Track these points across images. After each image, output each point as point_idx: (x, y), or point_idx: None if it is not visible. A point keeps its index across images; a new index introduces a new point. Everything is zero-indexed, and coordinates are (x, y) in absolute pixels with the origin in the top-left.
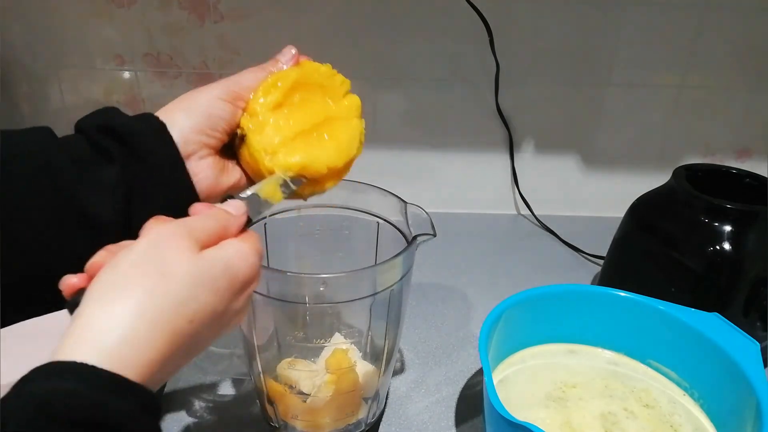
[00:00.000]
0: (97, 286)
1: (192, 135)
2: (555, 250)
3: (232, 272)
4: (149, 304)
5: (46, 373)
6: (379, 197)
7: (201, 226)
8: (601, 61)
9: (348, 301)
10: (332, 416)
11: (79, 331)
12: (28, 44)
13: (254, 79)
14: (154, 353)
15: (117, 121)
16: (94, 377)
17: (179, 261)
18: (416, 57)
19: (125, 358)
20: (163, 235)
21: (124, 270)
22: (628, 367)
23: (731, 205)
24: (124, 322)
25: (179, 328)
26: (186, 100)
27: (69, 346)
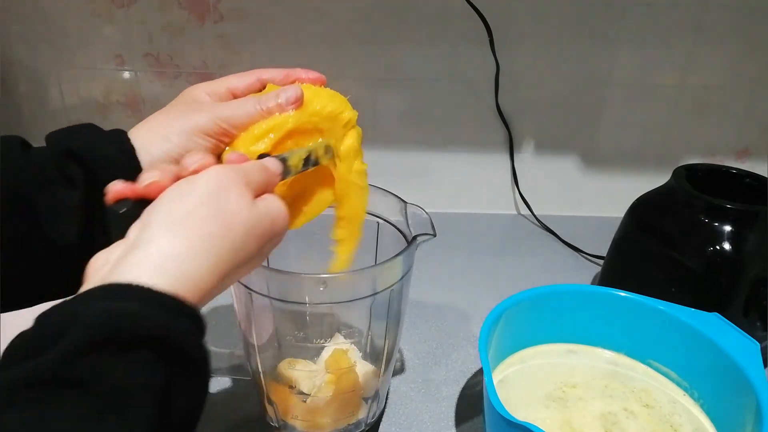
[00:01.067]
0: (165, 213)
1: (161, 164)
2: (555, 250)
3: (275, 226)
4: (211, 246)
5: (111, 293)
6: (379, 197)
7: (254, 178)
8: (601, 61)
9: (348, 301)
10: (332, 416)
11: (143, 253)
12: (28, 44)
13: (247, 117)
14: (205, 288)
15: (84, 145)
16: (159, 300)
17: (240, 209)
18: (416, 57)
19: (184, 287)
20: (225, 179)
21: (192, 204)
22: (628, 367)
23: (731, 205)
24: (188, 257)
25: (227, 271)
26: (166, 126)
27: (132, 266)
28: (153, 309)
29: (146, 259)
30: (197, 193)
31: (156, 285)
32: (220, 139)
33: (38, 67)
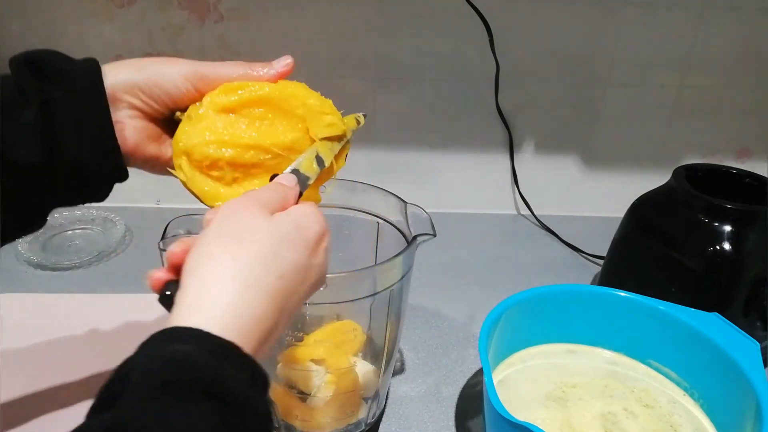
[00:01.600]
0: (190, 264)
1: (122, 92)
2: (555, 250)
3: (303, 229)
4: (240, 268)
5: (167, 338)
6: (379, 197)
7: (266, 196)
8: (601, 61)
9: (348, 301)
10: (332, 416)
11: (185, 305)
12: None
13: (232, 72)
14: (258, 312)
15: (45, 56)
16: (209, 342)
17: (256, 225)
18: (416, 57)
19: (234, 319)
20: (234, 208)
21: (208, 244)
22: (628, 367)
23: (731, 205)
24: (226, 288)
25: (272, 286)
26: (148, 61)
27: (181, 317)
28: (207, 353)
29: (193, 306)
30: (209, 233)
31: (211, 328)
32: (196, 86)
33: None
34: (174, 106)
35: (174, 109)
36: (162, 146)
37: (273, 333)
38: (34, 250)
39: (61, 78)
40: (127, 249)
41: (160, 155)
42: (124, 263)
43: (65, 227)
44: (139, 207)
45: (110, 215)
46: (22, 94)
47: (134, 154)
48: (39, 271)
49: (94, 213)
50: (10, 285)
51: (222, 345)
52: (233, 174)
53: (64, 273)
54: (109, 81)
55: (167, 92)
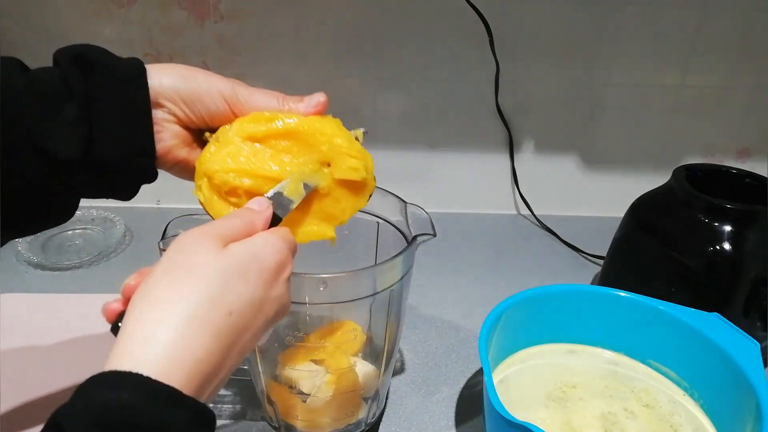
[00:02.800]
0: (133, 300)
1: (164, 98)
2: (555, 250)
3: (260, 260)
4: (184, 305)
5: (102, 384)
6: (379, 197)
7: (226, 225)
8: (601, 61)
9: (348, 301)
10: (332, 416)
11: (121, 348)
12: (28, 44)
13: (262, 101)
14: (201, 351)
15: (94, 52)
16: (146, 388)
17: (205, 259)
18: (416, 57)
19: (173, 361)
20: (187, 240)
21: (154, 280)
22: (628, 367)
23: (731, 205)
24: (164, 327)
25: (220, 322)
26: (190, 71)
27: (118, 358)
28: (145, 400)
29: (128, 348)
30: (159, 267)
31: (149, 372)
32: (231, 107)
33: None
34: (210, 120)
35: (208, 123)
36: (192, 152)
37: (221, 371)
38: (34, 250)
39: (107, 76)
40: (127, 249)
41: (189, 160)
42: (124, 263)
43: (65, 227)
44: (139, 207)
45: (110, 215)
46: (67, 88)
47: (166, 157)
48: (39, 271)
49: (94, 213)
50: (10, 285)
51: (160, 390)
52: (250, 197)
53: (64, 273)
54: (154, 84)
55: (207, 108)
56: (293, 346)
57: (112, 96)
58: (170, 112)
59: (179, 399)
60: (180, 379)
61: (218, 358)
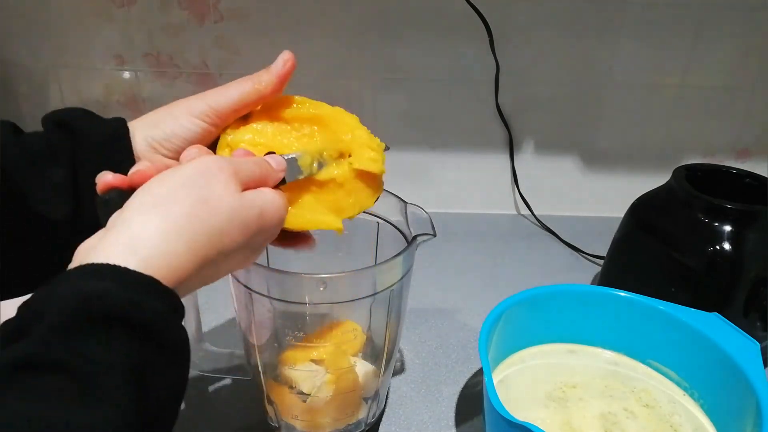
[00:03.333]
0: (142, 196)
1: (144, 151)
2: (555, 250)
3: (264, 217)
4: (188, 227)
5: (84, 273)
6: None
7: (246, 169)
8: (601, 61)
9: (348, 301)
10: (332, 416)
11: (116, 235)
12: (28, 44)
13: (237, 89)
14: (182, 271)
15: (76, 118)
16: (129, 278)
17: (222, 195)
18: (416, 57)
19: (157, 267)
20: (212, 167)
21: (171, 187)
22: (628, 367)
23: (731, 205)
24: (162, 237)
25: (208, 256)
26: (159, 114)
27: (106, 247)
28: (123, 287)
29: (119, 240)
30: (178, 177)
31: (127, 264)
32: (209, 122)
33: (38, 67)
34: (191, 143)
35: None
36: None
37: (191, 289)
38: None
39: (91, 140)
40: None
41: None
42: None
43: None
44: None
45: None
46: (53, 152)
47: None
48: None
49: None
50: None
51: (139, 280)
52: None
53: None
54: (136, 142)
55: (184, 139)
56: (293, 346)
57: (96, 160)
58: (152, 162)
59: (157, 287)
60: (158, 274)
61: (193, 280)
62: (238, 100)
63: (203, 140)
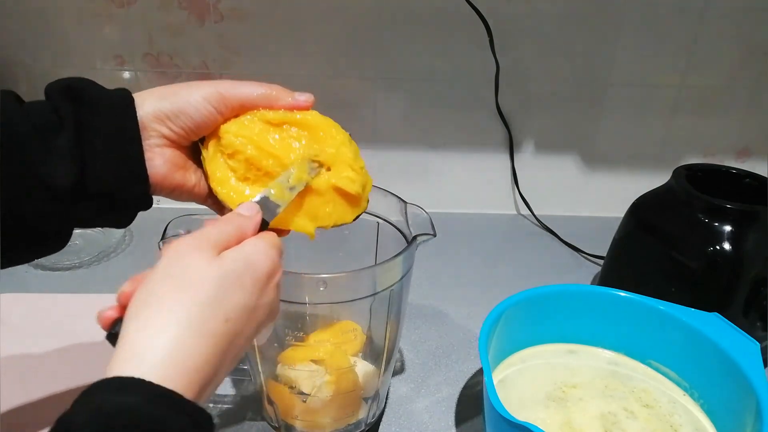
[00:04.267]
0: (131, 308)
1: (150, 121)
2: (555, 250)
3: (253, 267)
4: (183, 313)
5: (107, 388)
6: (379, 197)
7: (217, 232)
8: (601, 61)
9: (348, 301)
10: (332, 416)
11: (124, 353)
12: (28, 44)
13: (252, 91)
14: (200, 358)
15: (82, 85)
16: (151, 393)
17: (201, 267)
18: (416, 57)
19: (174, 368)
20: (181, 249)
21: (152, 288)
22: (628, 367)
23: (731, 205)
24: (165, 335)
25: (217, 329)
26: (170, 88)
27: (120, 365)
28: (150, 405)
29: (130, 355)
30: (155, 276)
31: (151, 377)
32: (219, 109)
33: (38, 67)
34: (198, 130)
35: (197, 134)
36: (186, 173)
37: (216, 376)
38: None
39: (97, 107)
40: (127, 249)
41: (184, 183)
42: (124, 263)
43: None
44: None
45: None
46: (59, 119)
47: (162, 184)
48: (39, 271)
49: None
50: (10, 285)
51: (163, 394)
52: (247, 173)
53: (64, 273)
54: (140, 113)
55: (191, 117)
56: (293, 346)
57: (101, 127)
58: (159, 134)
59: (180, 403)
60: (181, 385)
61: (215, 364)
62: (248, 97)
63: (207, 124)
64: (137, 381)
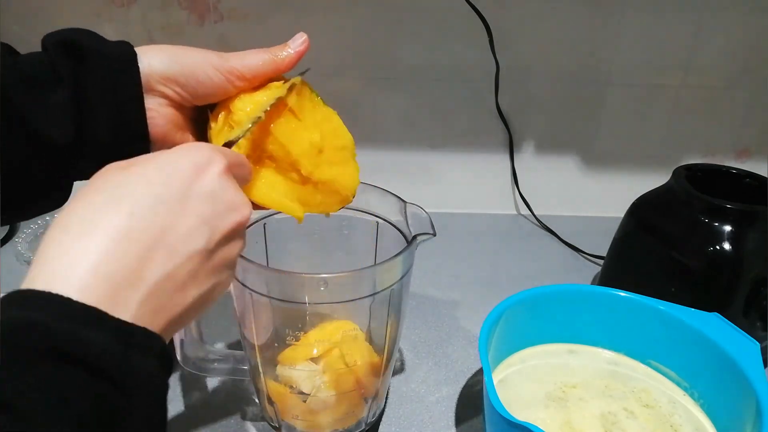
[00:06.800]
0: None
1: (156, 82)
2: (555, 250)
3: (163, 159)
4: (76, 217)
5: (14, 302)
6: (379, 197)
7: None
8: (601, 61)
9: (348, 301)
10: (332, 416)
11: (30, 272)
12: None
13: (254, 58)
14: (100, 253)
15: (81, 37)
16: (61, 306)
17: (109, 174)
18: (416, 57)
19: (81, 277)
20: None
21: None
22: (628, 367)
23: (731, 205)
24: (60, 245)
25: (119, 224)
26: (180, 49)
27: (27, 281)
28: (57, 319)
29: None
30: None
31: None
32: (226, 77)
33: None
34: (205, 95)
35: (203, 99)
36: (185, 135)
37: (143, 275)
38: (34, 250)
39: (97, 60)
40: None
41: (183, 144)
42: None
43: None
44: None
45: None
46: (57, 73)
47: (161, 143)
48: None
49: None
50: (10, 285)
51: (70, 306)
52: (251, 152)
53: None
54: (144, 68)
55: (201, 83)
56: (293, 346)
57: (102, 83)
58: (163, 95)
59: (98, 317)
60: (99, 297)
61: (131, 260)
62: (254, 66)
63: (216, 93)
64: (51, 295)
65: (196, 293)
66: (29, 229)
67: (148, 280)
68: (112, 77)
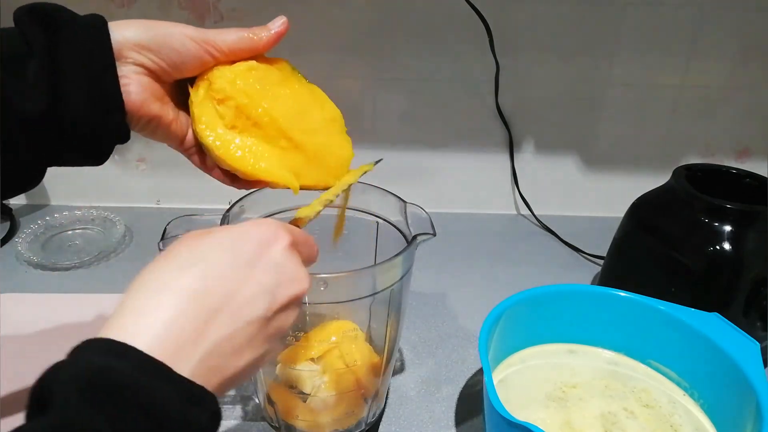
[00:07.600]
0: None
1: (128, 50)
2: (555, 250)
3: (238, 230)
4: (158, 281)
5: (97, 349)
6: (379, 197)
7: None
8: (601, 61)
9: (348, 301)
10: (332, 416)
11: (112, 321)
12: None
13: (235, 36)
14: (170, 312)
15: (50, 9)
16: (140, 359)
17: (188, 240)
18: (416, 57)
19: (153, 336)
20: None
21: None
22: (628, 367)
23: (731, 205)
24: (136, 301)
25: (191, 285)
26: (153, 22)
27: (107, 333)
28: (135, 370)
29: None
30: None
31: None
32: (202, 47)
33: None
34: (182, 65)
35: (181, 69)
36: (165, 107)
37: (204, 335)
38: (34, 250)
39: (68, 31)
40: (127, 249)
41: (162, 115)
42: (124, 263)
43: (65, 227)
44: (139, 207)
45: (110, 215)
46: (28, 45)
47: (138, 113)
48: (39, 271)
49: (94, 213)
50: (10, 285)
51: (149, 362)
52: (235, 120)
53: (64, 273)
54: (117, 37)
55: (176, 51)
56: (293, 346)
57: (74, 52)
58: (136, 62)
59: (167, 373)
60: (167, 355)
61: (198, 320)
62: (231, 41)
63: (193, 64)
64: (127, 346)
65: (250, 357)
66: (29, 229)
67: (210, 340)
68: (84, 45)
